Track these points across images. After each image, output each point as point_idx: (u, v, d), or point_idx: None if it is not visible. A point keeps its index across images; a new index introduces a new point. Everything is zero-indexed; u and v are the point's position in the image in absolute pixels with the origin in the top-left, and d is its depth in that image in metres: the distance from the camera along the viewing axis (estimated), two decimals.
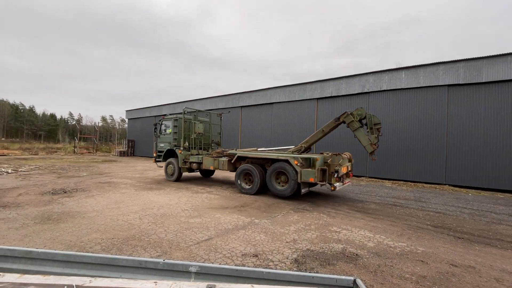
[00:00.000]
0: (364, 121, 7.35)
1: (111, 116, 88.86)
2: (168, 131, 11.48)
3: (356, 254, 3.76)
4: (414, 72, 11.68)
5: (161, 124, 11.87)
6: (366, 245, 4.09)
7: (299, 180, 6.96)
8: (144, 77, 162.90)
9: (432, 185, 10.59)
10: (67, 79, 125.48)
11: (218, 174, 13.15)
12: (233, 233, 4.38)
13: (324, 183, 6.79)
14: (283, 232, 4.50)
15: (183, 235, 4.24)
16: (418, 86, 11.53)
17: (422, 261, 3.63)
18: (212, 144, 11.86)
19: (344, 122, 7.52)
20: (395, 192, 9.04)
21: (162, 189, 8.36)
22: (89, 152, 28.40)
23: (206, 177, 12.48)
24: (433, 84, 11.22)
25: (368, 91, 12.80)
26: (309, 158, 7.23)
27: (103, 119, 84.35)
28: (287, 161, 7.28)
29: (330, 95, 14.13)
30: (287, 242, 4.12)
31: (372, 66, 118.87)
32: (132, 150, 27.13)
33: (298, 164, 7.11)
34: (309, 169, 6.94)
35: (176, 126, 11.05)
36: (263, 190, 8.04)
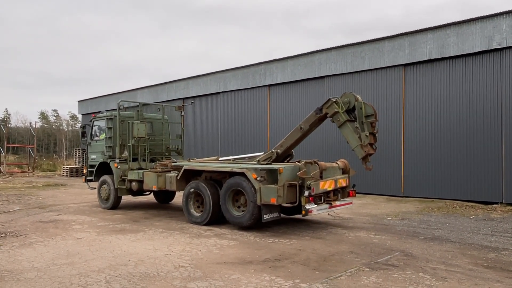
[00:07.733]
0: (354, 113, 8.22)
1: (55, 111, 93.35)
2: (101, 136, 12.30)
3: None
4: None
5: (92, 126, 12.75)
6: None
7: (258, 202, 7.87)
8: (101, 45, 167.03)
9: None
10: None
11: None
12: None
13: (295, 204, 7.84)
14: None
15: None
16: None
17: None
18: (169, 153, 12.50)
19: (327, 114, 8.40)
20: None
21: (141, 231, 8.55)
22: (23, 172, 30.03)
23: (163, 202, 13.11)
24: None
25: (499, 46, 12.28)
26: (272, 170, 8.15)
27: (43, 116, 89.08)
28: (243, 174, 8.26)
29: (427, 58, 13.82)
30: None
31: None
32: None
33: (258, 178, 7.99)
34: (271, 186, 7.84)
35: (110, 128, 11.83)
36: (220, 218, 9.05)
